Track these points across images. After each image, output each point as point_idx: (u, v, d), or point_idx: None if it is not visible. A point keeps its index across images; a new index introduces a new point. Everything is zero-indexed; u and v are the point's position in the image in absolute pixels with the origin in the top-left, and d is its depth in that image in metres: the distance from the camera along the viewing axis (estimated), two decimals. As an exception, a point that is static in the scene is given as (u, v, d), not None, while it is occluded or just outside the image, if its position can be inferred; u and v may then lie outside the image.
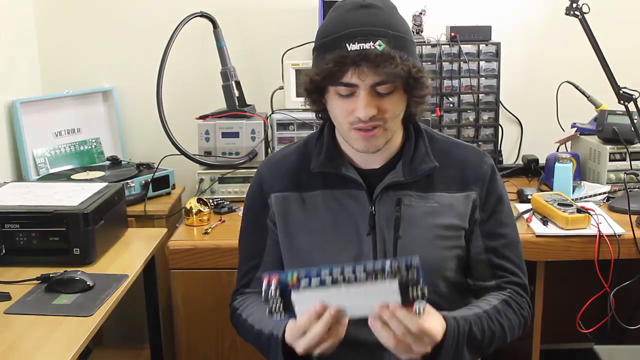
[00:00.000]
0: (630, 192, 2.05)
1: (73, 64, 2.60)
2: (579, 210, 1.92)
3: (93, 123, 2.57)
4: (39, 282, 1.63)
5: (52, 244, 1.74)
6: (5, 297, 1.56)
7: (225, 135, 2.29)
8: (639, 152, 2.26)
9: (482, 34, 2.46)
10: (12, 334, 1.40)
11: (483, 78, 2.49)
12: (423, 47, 2.43)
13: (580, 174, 2.39)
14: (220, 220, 2.08)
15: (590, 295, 1.95)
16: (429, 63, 2.43)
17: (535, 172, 2.50)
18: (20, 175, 2.38)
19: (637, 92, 2.00)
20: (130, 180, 2.25)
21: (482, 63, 2.48)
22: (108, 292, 1.59)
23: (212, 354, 1.98)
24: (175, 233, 2.01)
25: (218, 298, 1.90)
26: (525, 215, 2.01)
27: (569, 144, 2.54)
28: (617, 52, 2.23)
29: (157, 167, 2.32)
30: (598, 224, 1.90)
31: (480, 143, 2.52)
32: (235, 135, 2.29)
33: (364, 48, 1.20)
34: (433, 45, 2.45)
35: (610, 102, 2.20)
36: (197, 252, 1.91)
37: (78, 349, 1.34)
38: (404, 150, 1.37)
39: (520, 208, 2.07)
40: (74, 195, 1.85)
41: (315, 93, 1.30)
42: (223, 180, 2.28)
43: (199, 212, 2.05)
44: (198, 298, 1.93)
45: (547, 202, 1.98)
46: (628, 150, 2.24)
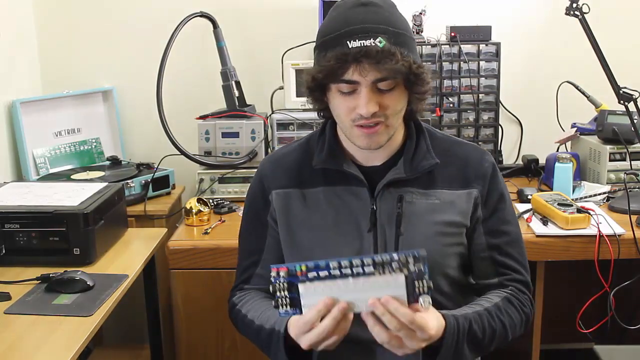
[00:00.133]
0: (630, 192, 2.05)
1: (73, 64, 2.60)
2: (579, 210, 1.92)
3: (93, 123, 2.57)
4: (39, 282, 1.63)
5: (52, 244, 1.74)
6: (5, 297, 1.56)
7: (225, 135, 2.29)
8: (639, 152, 2.26)
9: (482, 34, 2.46)
10: (12, 334, 1.40)
11: (483, 78, 2.49)
12: (423, 47, 2.43)
13: (580, 174, 2.39)
14: (220, 220, 2.08)
15: (590, 295, 1.95)
16: (429, 63, 2.43)
17: (535, 172, 2.50)
18: (20, 175, 2.38)
19: (637, 92, 2.00)
20: (130, 180, 2.25)
21: (482, 63, 2.48)
22: (108, 292, 1.59)
23: (212, 354, 1.98)
24: (175, 233, 2.01)
25: (218, 298, 1.90)
26: (525, 215, 2.01)
27: (569, 144, 2.54)
28: (617, 52, 2.23)
29: (157, 167, 2.32)
30: (598, 224, 1.90)
31: (480, 143, 2.52)
32: (235, 135, 2.29)
33: (365, 45, 1.21)
34: (433, 45, 2.45)
35: (610, 102, 2.20)
36: (197, 252, 1.91)
37: (78, 349, 1.34)
38: (405, 148, 1.38)
39: (520, 208, 2.07)
40: (74, 195, 1.85)
41: (317, 91, 1.31)
42: (223, 180, 2.28)
43: (199, 212, 2.05)
44: (198, 298, 1.93)
45: (547, 202, 1.98)
46: (628, 150, 2.24)
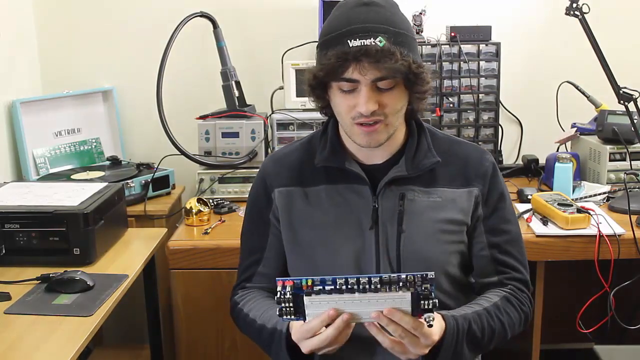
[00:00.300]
0: (630, 192, 2.05)
1: (73, 64, 2.60)
2: (579, 210, 1.92)
3: (93, 123, 2.57)
4: (39, 282, 1.63)
5: (52, 244, 1.74)
6: (5, 297, 1.56)
7: (225, 135, 2.29)
8: (639, 152, 2.26)
9: (482, 34, 2.46)
10: (12, 334, 1.40)
11: (483, 78, 2.49)
12: (423, 47, 2.43)
13: (580, 174, 2.39)
14: (220, 220, 2.08)
15: (590, 295, 1.95)
16: (429, 63, 2.42)
17: (535, 172, 2.50)
18: (20, 175, 2.38)
19: (637, 92, 2.00)
20: (130, 180, 2.25)
21: (482, 63, 2.48)
22: (108, 292, 1.59)
23: (212, 354, 1.98)
24: (175, 233, 2.01)
25: (218, 298, 1.90)
26: (525, 215, 2.01)
27: (569, 144, 2.54)
28: (617, 52, 2.23)
29: (157, 167, 2.32)
30: (598, 224, 1.90)
31: (480, 143, 2.51)
32: (235, 135, 2.29)
33: (365, 44, 1.22)
34: (433, 45, 2.45)
35: (610, 102, 2.20)
36: (197, 252, 1.91)
37: (78, 349, 1.34)
38: (407, 146, 1.39)
39: (520, 208, 2.07)
40: (74, 195, 1.85)
41: (319, 89, 1.33)
42: (223, 180, 2.28)
43: (199, 212, 2.05)
44: (198, 298, 1.93)
45: (547, 202, 1.98)
46: (628, 150, 2.24)
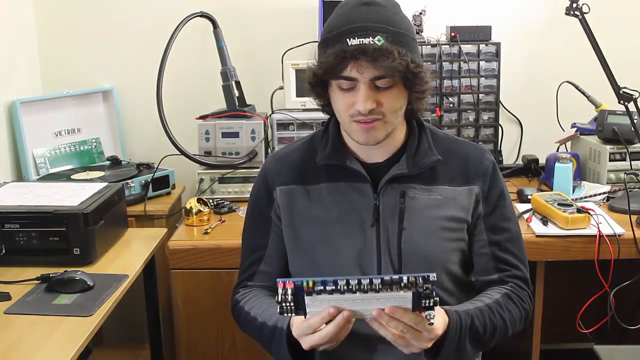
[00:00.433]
0: (630, 192, 2.05)
1: (73, 64, 2.60)
2: (579, 210, 1.92)
3: (93, 123, 2.57)
4: (39, 282, 1.63)
5: (52, 244, 1.74)
6: (5, 297, 1.56)
7: (225, 135, 2.29)
8: (639, 152, 2.26)
9: (482, 34, 2.46)
10: (12, 334, 1.40)
11: (483, 78, 2.49)
12: (423, 47, 2.43)
13: (580, 174, 2.39)
14: (220, 220, 2.08)
15: (590, 295, 1.95)
16: (429, 63, 2.42)
17: (535, 172, 2.50)
18: (20, 175, 2.38)
19: (637, 92, 2.00)
20: (130, 180, 2.25)
21: (482, 63, 2.47)
22: (108, 292, 1.59)
23: (212, 354, 1.97)
24: (175, 233, 2.01)
25: (218, 298, 1.90)
26: (525, 215, 2.01)
27: (569, 144, 2.54)
28: (617, 52, 2.23)
29: (157, 167, 2.32)
30: (598, 224, 1.90)
31: (480, 143, 2.51)
32: (235, 135, 2.29)
33: (363, 43, 1.23)
34: (433, 45, 2.45)
35: (610, 102, 2.20)
36: (197, 252, 1.91)
37: (78, 349, 1.34)
38: (408, 144, 1.40)
39: (520, 208, 2.07)
40: (74, 195, 1.85)
41: (318, 87, 1.34)
42: (223, 180, 2.28)
43: (199, 212, 2.05)
44: (198, 298, 1.93)
45: (547, 202, 1.98)
46: (628, 150, 2.23)
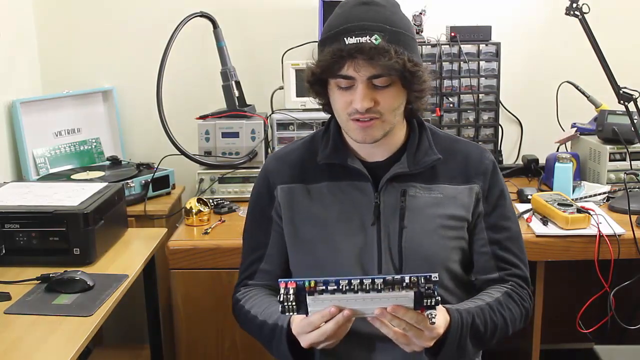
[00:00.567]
0: (630, 192, 2.05)
1: (73, 64, 2.60)
2: (579, 210, 1.92)
3: (93, 123, 2.57)
4: (39, 282, 1.63)
5: (52, 244, 1.74)
6: (5, 297, 1.56)
7: (225, 135, 2.29)
8: (639, 152, 2.26)
9: (482, 34, 2.46)
10: (12, 334, 1.40)
11: (483, 78, 2.49)
12: (423, 47, 2.43)
13: (580, 174, 2.39)
14: (220, 220, 2.08)
15: (590, 295, 1.95)
16: (429, 63, 2.43)
17: (535, 172, 2.50)
18: (20, 175, 2.38)
19: (637, 92, 2.00)
20: (130, 180, 2.25)
21: (482, 63, 2.48)
22: (108, 292, 1.59)
23: (212, 354, 1.97)
24: (175, 233, 2.01)
25: (218, 298, 1.90)
26: (525, 215, 2.01)
27: (569, 144, 2.54)
28: (617, 52, 2.23)
29: (157, 167, 2.32)
30: (598, 224, 1.90)
31: (480, 143, 2.51)
32: (235, 135, 2.29)
33: (360, 41, 1.24)
34: (433, 45, 2.45)
35: (610, 102, 2.20)
36: (197, 252, 1.91)
37: (78, 349, 1.34)
38: (408, 143, 1.40)
39: (520, 208, 2.07)
40: (74, 195, 1.85)
41: (317, 85, 1.35)
42: (223, 180, 2.28)
43: (199, 212, 2.05)
44: (198, 298, 1.93)
45: (547, 202, 1.98)
46: (628, 150, 2.23)
